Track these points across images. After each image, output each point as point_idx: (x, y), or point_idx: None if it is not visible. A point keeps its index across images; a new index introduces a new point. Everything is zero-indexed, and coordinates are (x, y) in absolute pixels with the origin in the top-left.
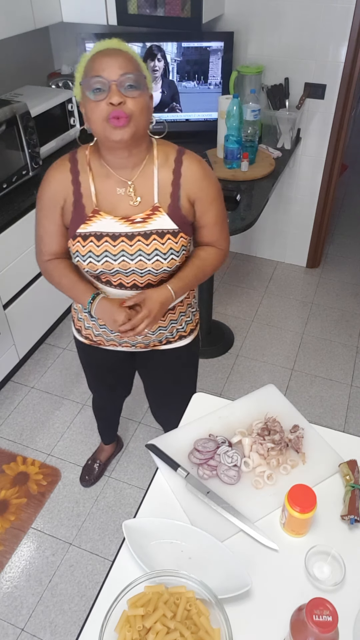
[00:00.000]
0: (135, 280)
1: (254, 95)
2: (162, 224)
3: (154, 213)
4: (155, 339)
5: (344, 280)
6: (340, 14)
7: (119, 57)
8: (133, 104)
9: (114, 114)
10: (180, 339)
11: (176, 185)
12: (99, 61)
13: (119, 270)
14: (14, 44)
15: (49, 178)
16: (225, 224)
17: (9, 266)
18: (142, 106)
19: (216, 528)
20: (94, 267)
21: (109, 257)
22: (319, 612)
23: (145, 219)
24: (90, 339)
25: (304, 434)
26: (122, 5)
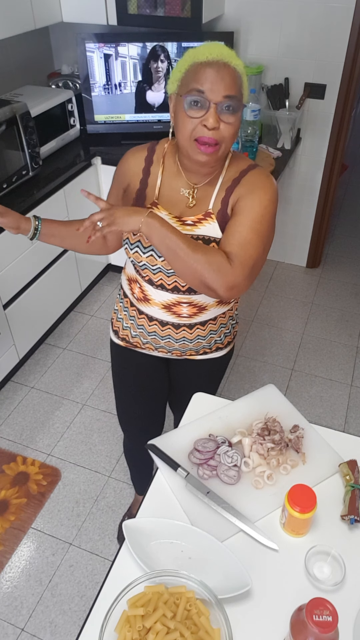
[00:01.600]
0: (177, 282)
1: (254, 95)
2: (210, 231)
3: (205, 219)
4: (193, 347)
5: (344, 280)
6: (340, 14)
7: (227, 75)
8: (227, 130)
9: (204, 139)
10: (217, 350)
11: (229, 191)
12: (205, 73)
13: (161, 269)
14: (14, 44)
15: (125, 158)
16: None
17: (9, 266)
18: (235, 131)
19: (216, 528)
20: (139, 259)
21: (154, 252)
22: (319, 612)
23: (195, 223)
24: (127, 340)
25: (304, 434)
26: (122, 5)
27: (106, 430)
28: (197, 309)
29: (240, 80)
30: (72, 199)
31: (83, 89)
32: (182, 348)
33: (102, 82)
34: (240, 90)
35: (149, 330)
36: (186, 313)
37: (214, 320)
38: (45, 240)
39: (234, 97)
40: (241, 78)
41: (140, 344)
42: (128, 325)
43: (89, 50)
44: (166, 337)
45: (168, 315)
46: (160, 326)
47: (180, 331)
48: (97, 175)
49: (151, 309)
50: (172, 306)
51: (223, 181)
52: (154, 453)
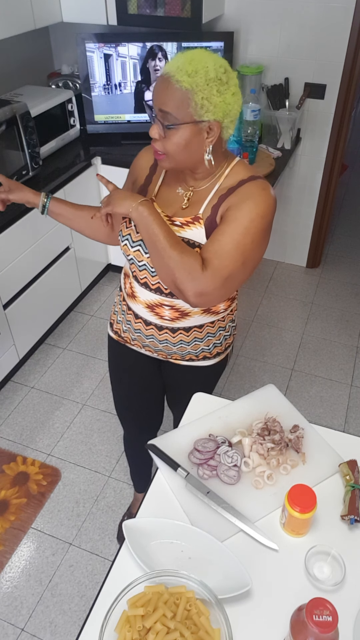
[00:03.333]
0: (160, 284)
1: (254, 95)
2: (195, 236)
3: (193, 222)
4: (177, 351)
5: (344, 280)
6: (340, 14)
7: (163, 90)
8: (167, 143)
9: (152, 146)
10: (204, 359)
11: (222, 199)
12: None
13: (146, 266)
14: (14, 44)
15: (139, 154)
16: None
17: (9, 266)
18: (177, 146)
19: (216, 528)
20: (127, 252)
21: (141, 248)
22: (319, 612)
23: (183, 225)
24: (119, 335)
25: (304, 434)
26: (122, 5)
27: (106, 430)
28: (179, 313)
29: (184, 97)
30: (72, 199)
31: (83, 89)
32: (166, 350)
33: (102, 82)
34: (181, 107)
35: (135, 328)
36: (168, 316)
37: (200, 328)
38: (54, 217)
39: (166, 113)
40: (187, 94)
41: (130, 340)
42: (121, 320)
43: (89, 50)
44: (150, 336)
45: (151, 315)
46: (145, 325)
47: (163, 333)
48: None
49: (137, 306)
50: (155, 307)
51: (219, 188)
52: (154, 453)
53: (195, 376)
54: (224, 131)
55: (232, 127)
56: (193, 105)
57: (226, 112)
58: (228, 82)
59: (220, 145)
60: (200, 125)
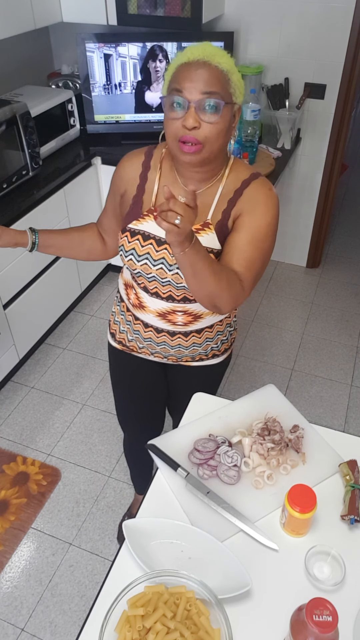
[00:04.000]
0: (172, 292)
1: (254, 95)
2: (208, 242)
3: (203, 229)
4: (188, 354)
5: (344, 280)
6: (340, 14)
7: (206, 72)
8: (209, 129)
9: (185, 139)
10: (213, 357)
11: (231, 204)
12: (183, 73)
13: (155, 277)
14: (14, 44)
15: (121, 164)
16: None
17: (9, 266)
18: (219, 131)
19: (216, 528)
20: (133, 266)
21: (149, 261)
22: (319, 612)
23: None
24: (124, 344)
25: (304, 434)
26: (122, 5)
27: (106, 430)
28: (192, 317)
29: (226, 78)
30: (72, 199)
31: (83, 89)
32: (178, 354)
33: (102, 82)
34: (225, 87)
35: (144, 337)
36: (181, 321)
37: (211, 327)
38: (43, 251)
39: (214, 93)
40: (227, 75)
41: (137, 348)
42: (125, 329)
43: (89, 50)
44: (162, 343)
45: (163, 323)
46: (156, 333)
47: (176, 338)
48: (97, 175)
49: (146, 315)
50: (167, 314)
51: (223, 191)
52: (154, 453)
53: (204, 376)
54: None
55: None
56: (232, 86)
57: (243, 96)
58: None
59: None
60: (234, 107)
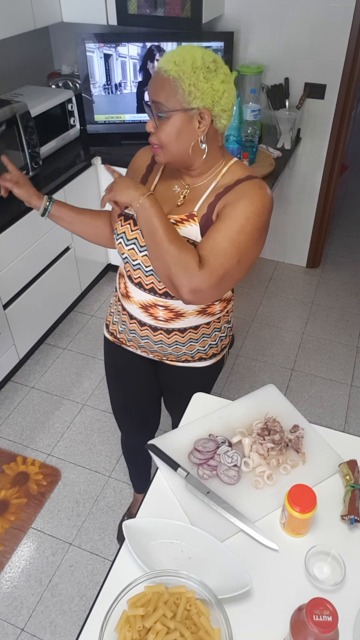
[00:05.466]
0: (154, 284)
1: (254, 95)
2: (190, 233)
3: (187, 220)
4: (172, 352)
5: (344, 280)
6: (340, 14)
7: (154, 81)
8: (161, 134)
9: (149, 140)
10: (200, 360)
11: (218, 198)
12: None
13: (140, 266)
14: (14, 44)
15: (136, 155)
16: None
17: (9, 266)
18: (170, 135)
19: (216, 528)
20: (122, 250)
21: (135, 246)
22: (319, 612)
23: (177, 222)
24: (115, 336)
25: (304, 434)
26: (122, 5)
27: (106, 430)
28: (173, 314)
29: (172, 85)
30: (72, 199)
31: (83, 89)
32: (162, 351)
33: (102, 82)
34: (170, 95)
35: (130, 329)
36: (162, 317)
37: (195, 329)
38: (54, 220)
39: (158, 102)
40: (174, 83)
41: (126, 341)
42: (117, 321)
43: (89, 50)
44: (145, 337)
45: (145, 316)
46: (139, 326)
47: (158, 334)
48: (97, 175)
49: (131, 306)
50: (149, 307)
51: (215, 186)
52: (154, 453)
53: (192, 377)
54: (217, 120)
55: (226, 117)
56: (181, 92)
57: (215, 99)
58: (217, 70)
59: (215, 138)
60: (190, 112)
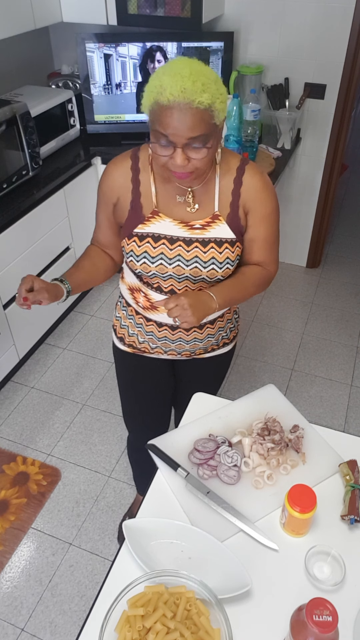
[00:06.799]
0: (188, 286)
1: (254, 95)
2: (220, 233)
3: (213, 221)
4: (203, 346)
5: (344, 280)
6: (340, 14)
7: (189, 118)
8: (198, 162)
9: (176, 172)
10: (224, 345)
11: (236, 195)
12: (167, 118)
13: (172, 275)
14: (14, 44)
15: (108, 172)
16: (276, 245)
17: (9, 266)
18: (207, 158)
19: (216, 528)
20: (147, 269)
21: (164, 260)
22: (319, 612)
23: (204, 226)
24: (134, 347)
25: (304, 434)
26: (122, 5)
27: (106, 430)
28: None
29: (208, 113)
30: (72, 199)
31: (83, 89)
32: (192, 348)
33: (102, 82)
34: (209, 122)
35: (158, 336)
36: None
37: (222, 317)
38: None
39: (199, 136)
40: (209, 109)
41: (149, 349)
42: (135, 332)
43: (89, 50)
44: (177, 340)
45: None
46: (171, 330)
47: (192, 333)
48: (97, 175)
49: (160, 315)
50: None
51: (221, 183)
52: (154, 453)
53: (212, 366)
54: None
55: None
56: (216, 114)
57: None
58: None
59: None
60: (220, 127)
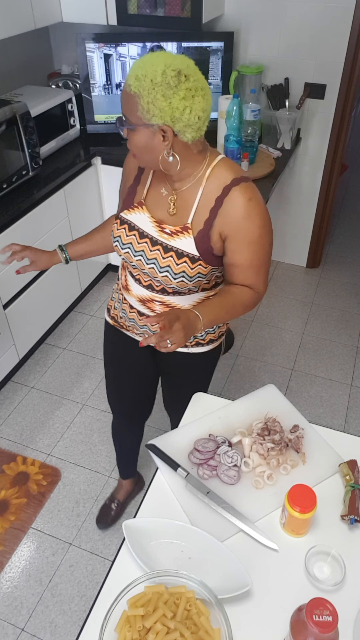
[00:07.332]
0: (151, 282)
1: (254, 95)
2: (184, 246)
3: (182, 232)
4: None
5: (344, 280)
6: (340, 14)
7: (123, 93)
8: (131, 145)
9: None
10: (197, 345)
11: (213, 214)
12: None
13: (137, 266)
14: (14, 44)
15: (127, 156)
16: (263, 268)
17: (9, 266)
18: (139, 147)
19: (216, 528)
20: (119, 252)
21: (130, 250)
22: (319, 612)
23: (173, 234)
24: (116, 320)
25: (304, 434)
26: (122, 5)
27: (106, 430)
28: (169, 309)
29: (133, 101)
30: (72, 199)
31: (83, 89)
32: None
33: (102, 82)
34: (132, 110)
35: (129, 317)
36: (159, 310)
37: None
38: (77, 259)
39: (122, 116)
40: (134, 99)
41: (126, 326)
42: (118, 307)
43: (89, 50)
44: (143, 326)
45: (144, 308)
46: (138, 315)
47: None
48: (97, 175)
49: (131, 298)
50: (147, 301)
51: (203, 193)
52: (154, 453)
53: (190, 364)
54: (181, 135)
55: (192, 131)
56: (140, 109)
57: (175, 116)
58: (178, 85)
59: (188, 148)
60: (152, 128)
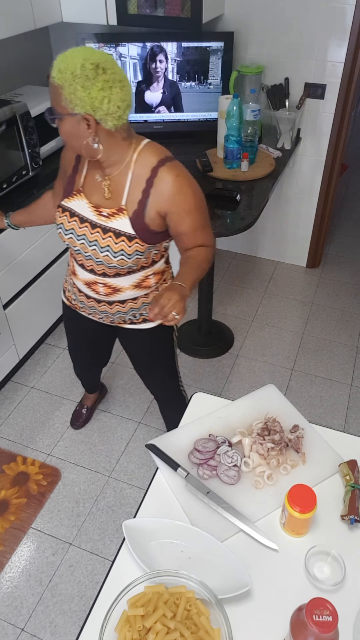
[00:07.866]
0: (93, 266)
1: (254, 95)
2: (121, 226)
3: (117, 213)
4: (117, 318)
5: (344, 280)
6: (340, 14)
7: (49, 85)
8: (60, 133)
9: None
10: (144, 322)
11: (145, 195)
12: None
13: (80, 251)
14: (14, 44)
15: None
16: (206, 226)
17: (9, 266)
18: (66, 135)
19: (216, 528)
20: (63, 238)
21: (73, 236)
22: (319, 612)
23: (109, 215)
24: (70, 302)
25: (304, 434)
26: (122, 5)
27: (106, 430)
28: (111, 289)
29: (57, 91)
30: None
31: None
32: (108, 318)
33: None
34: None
35: (79, 299)
36: (103, 292)
37: (134, 299)
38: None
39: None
40: (58, 89)
41: (79, 307)
42: (70, 289)
43: None
44: (92, 307)
45: (89, 291)
46: (87, 298)
47: (102, 305)
48: None
49: (78, 282)
50: (91, 284)
51: (133, 176)
52: (154, 453)
53: (146, 338)
54: (103, 123)
55: (113, 119)
56: (64, 100)
57: (95, 105)
58: (95, 77)
59: (112, 135)
60: (75, 117)
